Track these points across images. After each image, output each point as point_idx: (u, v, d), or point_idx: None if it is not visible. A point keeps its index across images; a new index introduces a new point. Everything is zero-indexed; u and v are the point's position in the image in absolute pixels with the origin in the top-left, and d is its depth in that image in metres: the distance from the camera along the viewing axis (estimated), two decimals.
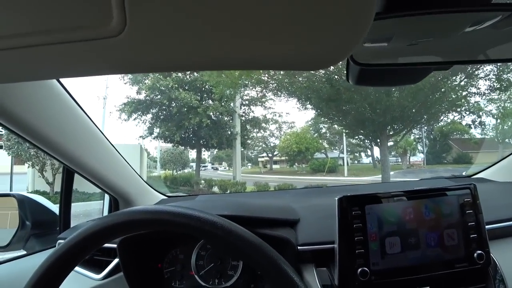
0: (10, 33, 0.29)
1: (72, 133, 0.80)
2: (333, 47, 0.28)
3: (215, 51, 0.28)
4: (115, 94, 23.30)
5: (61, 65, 0.32)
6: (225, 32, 0.26)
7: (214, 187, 9.42)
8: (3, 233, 1.11)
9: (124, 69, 0.33)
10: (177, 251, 0.86)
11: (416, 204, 0.69)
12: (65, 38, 0.27)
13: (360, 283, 0.64)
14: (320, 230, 0.80)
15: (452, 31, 0.50)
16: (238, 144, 11.76)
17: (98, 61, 0.30)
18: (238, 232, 0.45)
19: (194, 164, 14.73)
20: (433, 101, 7.60)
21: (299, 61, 0.30)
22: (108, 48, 0.28)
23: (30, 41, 0.28)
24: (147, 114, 11.23)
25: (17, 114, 0.63)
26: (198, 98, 10.49)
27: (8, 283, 0.84)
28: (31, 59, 0.31)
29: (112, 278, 0.82)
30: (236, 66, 0.32)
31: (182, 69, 0.33)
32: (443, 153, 16.69)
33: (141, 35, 0.27)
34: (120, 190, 1.09)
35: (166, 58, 0.30)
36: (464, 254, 0.69)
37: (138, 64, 0.31)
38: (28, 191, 6.30)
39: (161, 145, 13.59)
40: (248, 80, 8.32)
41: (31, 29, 0.28)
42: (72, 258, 0.46)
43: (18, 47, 0.29)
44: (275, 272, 0.44)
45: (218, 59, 0.30)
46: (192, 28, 0.26)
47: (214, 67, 0.32)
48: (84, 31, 0.27)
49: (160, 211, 0.45)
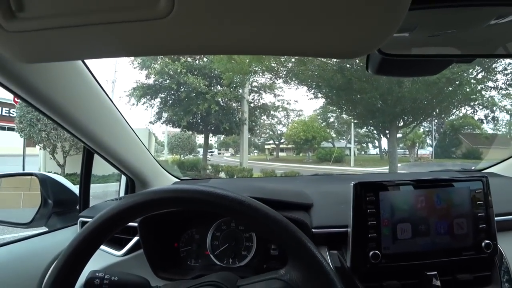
0: (59, 12, 0.30)
1: (95, 114, 0.82)
2: (368, 36, 0.29)
3: (257, 34, 0.29)
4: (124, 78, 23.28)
5: (108, 45, 0.33)
6: (267, 17, 0.27)
7: (221, 172, 9.51)
8: (18, 212, 1.17)
9: (170, 50, 0.34)
10: (193, 232, 0.90)
11: (428, 193, 0.71)
12: (114, 18, 0.29)
13: (371, 265, 0.67)
14: (333, 214, 0.83)
15: (476, 23, 0.50)
16: (245, 131, 11.77)
17: (145, 42, 0.32)
18: (265, 211, 0.48)
19: (201, 150, 14.83)
20: (446, 94, 7.43)
21: (335, 49, 0.31)
22: (156, 30, 0.29)
23: (79, 21, 0.30)
24: (156, 99, 11.25)
25: (47, 93, 0.66)
26: (206, 84, 10.44)
27: (32, 258, 0.88)
28: (80, 39, 0.32)
29: (132, 255, 0.86)
30: (275, 51, 0.33)
31: (225, 51, 0.33)
32: (453, 147, 16.45)
33: (187, 17, 0.28)
34: (137, 172, 1.13)
35: (210, 41, 0.31)
36: (472, 243, 0.71)
37: (184, 46, 0.32)
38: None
39: (168, 130, 13.70)
40: (259, 67, 8.24)
41: (81, 9, 0.29)
42: (105, 231, 0.49)
43: (67, 26, 0.30)
44: (301, 249, 0.47)
45: (259, 44, 0.31)
46: (236, 10, 0.27)
47: (255, 51, 0.33)
48: (133, 12, 0.28)
49: (192, 190, 0.48)
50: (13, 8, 0.30)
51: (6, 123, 19.05)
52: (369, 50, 0.31)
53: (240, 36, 0.30)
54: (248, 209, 0.48)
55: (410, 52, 0.55)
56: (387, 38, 0.29)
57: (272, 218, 0.47)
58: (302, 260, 0.48)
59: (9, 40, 0.32)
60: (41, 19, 0.30)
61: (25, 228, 1.08)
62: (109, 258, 0.86)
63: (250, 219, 0.48)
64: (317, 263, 0.46)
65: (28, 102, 0.67)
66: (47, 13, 0.30)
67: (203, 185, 0.50)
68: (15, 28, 0.31)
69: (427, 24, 0.50)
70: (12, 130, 6.53)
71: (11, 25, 0.31)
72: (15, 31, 0.31)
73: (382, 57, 0.52)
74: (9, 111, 18.72)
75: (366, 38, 0.30)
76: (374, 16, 0.27)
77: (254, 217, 0.48)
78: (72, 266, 0.47)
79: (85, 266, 0.49)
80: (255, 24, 0.28)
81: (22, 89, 0.62)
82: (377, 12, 0.27)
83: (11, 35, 0.32)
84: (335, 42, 0.30)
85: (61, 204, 1.09)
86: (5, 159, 7.70)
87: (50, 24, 0.30)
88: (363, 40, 0.30)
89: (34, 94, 0.65)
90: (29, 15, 0.30)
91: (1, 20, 0.31)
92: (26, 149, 7.12)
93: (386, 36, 0.29)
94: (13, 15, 0.30)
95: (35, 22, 0.31)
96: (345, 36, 0.29)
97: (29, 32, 0.31)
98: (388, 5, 0.26)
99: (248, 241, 0.86)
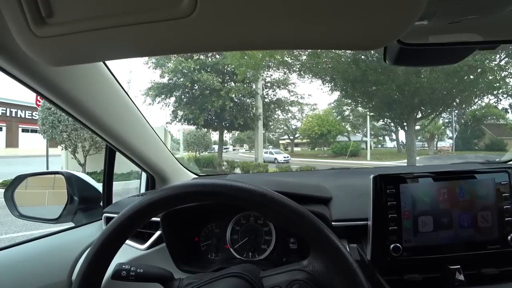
0: (87, 16, 0.31)
1: (117, 114, 0.85)
2: (388, 26, 0.29)
3: (278, 30, 0.30)
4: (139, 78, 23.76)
5: (133, 45, 0.34)
6: (290, 12, 0.28)
7: (236, 168, 9.57)
8: (45, 209, 1.22)
9: (194, 49, 0.35)
10: (212, 226, 0.92)
11: (450, 185, 0.69)
12: (139, 19, 0.30)
13: (392, 259, 0.66)
14: (352, 207, 0.82)
15: (499, 7, 0.48)
16: (260, 126, 11.78)
17: (169, 41, 0.33)
18: (288, 203, 0.48)
19: (216, 146, 14.96)
20: (467, 83, 7.15)
21: (355, 41, 0.31)
22: (179, 28, 0.30)
23: (106, 24, 0.31)
24: (171, 98, 11.44)
25: (72, 94, 0.69)
26: (220, 80, 10.50)
27: (62, 251, 0.93)
28: (106, 41, 0.34)
29: (155, 248, 0.89)
30: (297, 45, 0.33)
31: (247, 47, 0.34)
32: (474, 139, 15.88)
33: (210, 15, 0.28)
34: (157, 169, 1.16)
35: (233, 38, 0.31)
36: (498, 236, 0.69)
37: (207, 43, 0.33)
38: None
39: (183, 127, 13.88)
40: (272, 61, 8.21)
41: (107, 12, 0.30)
42: (131, 225, 0.51)
43: (95, 29, 0.32)
44: (324, 241, 0.47)
45: (281, 38, 0.31)
46: (257, 6, 0.27)
47: (276, 46, 0.34)
48: (157, 12, 0.29)
49: (217, 184, 0.49)
50: (43, 14, 0.32)
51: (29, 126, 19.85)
52: (389, 41, 0.31)
53: (262, 32, 0.30)
54: (270, 202, 0.48)
55: (430, 41, 0.54)
56: (408, 27, 0.29)
57: (295, 211, 0.48)
58: (325, 252, 0.49)
59: (40, 45, 0.34)
60: (70, 24, 0.32)
61: (54, 224, 1.13)
62: (133, 252, 0.89)
63: (272, 211, 0.49)
64: (340, 255, 0.47)
65: (54, 103, 0.70)
66: (76, 18, 0.32)
67: (225, 179, 0.51)
68: (45, 33, 0.33)
69: (447, 10, 0.49)
70: (35, 132, 6.80)
71: (41, 30, 0.32)
72: (45, 36, 0.33)
73: (401, 47, 0.52)
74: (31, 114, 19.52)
75: (386, 28, 0.29)
76: (395, 5, 0.27)
77: (276, 210, 0.48)
78: (101, 258, 0.50)
79: (113, 259, 0.51)
80: (276, 20, 0.29)
81: (49, 91, 0.65)
82: (396, 2, 0.27)
83: (41, 40, 0.33)
84: (356, 33, 0.30)
85: (86, 201, 1.13)
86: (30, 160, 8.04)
87: (78, 28, 0.32)
88: (384, 31, 0.30)
89: (60, 95, 0.68)
90: (59, 20, 0.32)
91: (32, 26, 0.32)
92: (49, 150, 7.40)
93: (407, 25, 0.28)
94: (43, 21, 0.32)
95: (64, 27, 0.32)
96: (365, 27, 0.29)
97: (59, 37, 0.33)
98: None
99: (267, 235, 0.87)
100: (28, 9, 0.31)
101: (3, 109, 19.96)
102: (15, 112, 20.40)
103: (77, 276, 0.49)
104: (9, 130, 20.07)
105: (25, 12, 0.31)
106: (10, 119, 20.15)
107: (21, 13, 0.31)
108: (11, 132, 20.12)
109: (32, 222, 1.14)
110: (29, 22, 0.32)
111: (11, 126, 20.19)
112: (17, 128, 20.50)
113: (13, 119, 20.30)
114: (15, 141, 20.25)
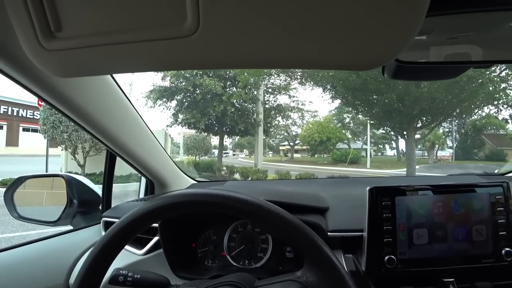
0: (93, 31, 0.33)
1: (119, 120, 0.87)
2: (384, 47, 0.30)
3: (278, 50, 0.31)
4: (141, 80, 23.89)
5: (137, 61, 0.36)
6: (289, 34, 0.29)
7: (235, 173, 9.55)
8: (44, 211, 1.22)
9: (196, 66, 0.36)
10: (210, 233, 0.92)
11: (446, 199, 0.70)
12: (144, 37, 0.31)
13: (387, 270, 0.66)
14: (349, 218, 0.83)
15: (493, 28, 0.50)
16: (260, 132, 11.79)
17: (172, 58, 0.34)
18: (282, 214, 0.49)
19: (216, 151, 14.95)
20: (467, 93, 7.17)
21: (352, 61, 0.33)
22: (182, 47, 0.31)
23: (112, 40, 0.32)
24: (172, 101, 11.43)
25: (76, 101, 0.71)
26: (222, 85, 10.53)
27: (60, 254, 0.93)
28: (112, 56, 0.35)
29: (152, 254, 0.89)
30: (296, 65, 0.34)
31: (248, 66, 0.35)
32: (474, 149, 15.87)
33: (212, 35, 0.30)
34: (157, 174, 1.17)
35: (235, 56, 0.33)
36: (492, 250, 0.69)
37: (209, 61, 0.34)
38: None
39: (184, 131, 13.89)
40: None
41: (113, 29, 0.32)
42: (130, 232, 0.52)
43: (101, 45, 0.33)
44: (316, 253, 0.48)
45: (280, 58, 0.33)
46: (258, 28, 0.29)
47: (276, 65, 0.35)
48: (161, 31, 0.31)
49: (214, 194, 0.50)
50: (52, 29, 0.33)
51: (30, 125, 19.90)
52: (386, 61, 0.32)
53: (262, 52, 0.32)
54: (265, 212, 0.49)
55: (426, 59, 0.55)
56: (403, 49, 0.30)
57: (289, 222, 0.49)
58: (318, 263, 0.49)
59: (48, 58, 0.36)
60: (77, 38, 0.33)
61: (52, 226, 1.13)
62: (131, 257, 0.90)
63: (268, 222, 0.50)
64: (332, 266, 0.47)
65: (57, 108, 0.72)
66: (83, 33, 0.33)
67: (221, 189, 0.52)
68: (54, 47, 0.34)
69: (443, 30, 0.50)
70: (36, 131, 6.82)
71: (50, 44, 0.34)
72: (53, 49, 0.34)
73: (398, 65, 0.53)
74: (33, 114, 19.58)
75: (383, 49, 0.30)
76: (390, 27, 0.28)
77: (271, 221, 0.49)
78: (100, 263, 0.51)
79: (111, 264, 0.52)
80: (275, 41, 0.30)
81: (52, 97, 0.67)
82: (392, 24, 0.28)
83: (50, 53, 0.35)
84: (354, 54, 0.31)
85: (85, 204, 1.14)
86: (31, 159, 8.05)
87: (86, 43, 0.33)
88: (381, 51, 0.31)
89: (65, 103, 0.70)
90: (67, 35, 0.33)
91: (42, 40, 0.34)
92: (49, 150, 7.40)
93: (402, 47, 0.30)
94: (52, 35, 0.34)
95: (72, 41, 0.34)
96: (362, 48, 0.30)
97: (66, 50, 0.34)
98: (404, 15, 0.27)
99: (264, 243, 0.87)
100: (38, 23, 0.33)
101: (5, 108, 20.04)
102: (17, 111, 20.48)
103: (76, 279, 0.50)
104: (10, 129, 20.13)
105: (35, 25, 0.33)
106: (11, 117, 20.22)
107: (31, 26, 0.33)
108: (11, 130, 20.17)
109: (30, 223, 1.14)
110: (38, 35, 0.33)
111: (12, 125, 20.26)
112: (18, 127, 20.57)
113: (15, 118, 20.38)
114: (15, 140, 20.30)
